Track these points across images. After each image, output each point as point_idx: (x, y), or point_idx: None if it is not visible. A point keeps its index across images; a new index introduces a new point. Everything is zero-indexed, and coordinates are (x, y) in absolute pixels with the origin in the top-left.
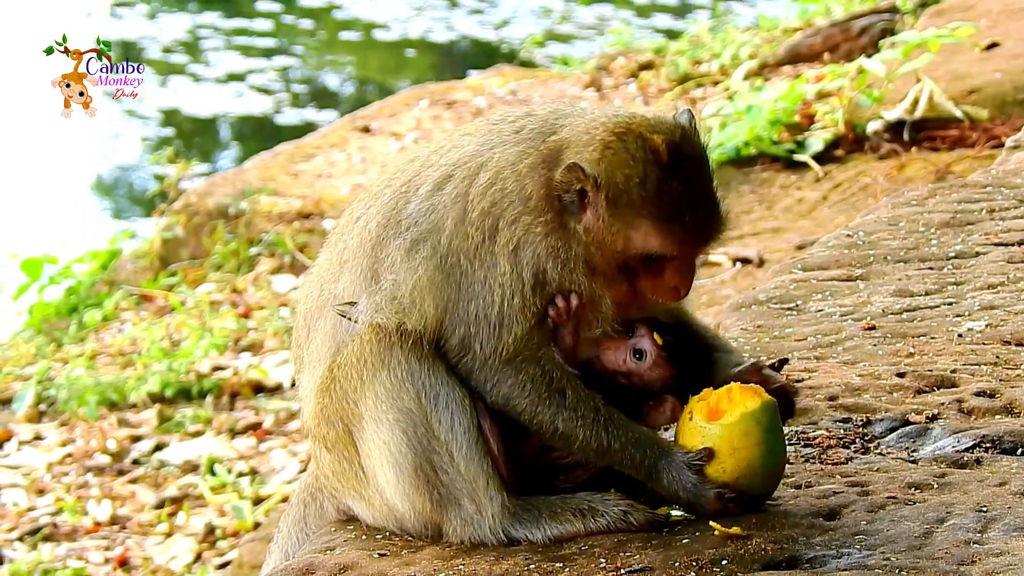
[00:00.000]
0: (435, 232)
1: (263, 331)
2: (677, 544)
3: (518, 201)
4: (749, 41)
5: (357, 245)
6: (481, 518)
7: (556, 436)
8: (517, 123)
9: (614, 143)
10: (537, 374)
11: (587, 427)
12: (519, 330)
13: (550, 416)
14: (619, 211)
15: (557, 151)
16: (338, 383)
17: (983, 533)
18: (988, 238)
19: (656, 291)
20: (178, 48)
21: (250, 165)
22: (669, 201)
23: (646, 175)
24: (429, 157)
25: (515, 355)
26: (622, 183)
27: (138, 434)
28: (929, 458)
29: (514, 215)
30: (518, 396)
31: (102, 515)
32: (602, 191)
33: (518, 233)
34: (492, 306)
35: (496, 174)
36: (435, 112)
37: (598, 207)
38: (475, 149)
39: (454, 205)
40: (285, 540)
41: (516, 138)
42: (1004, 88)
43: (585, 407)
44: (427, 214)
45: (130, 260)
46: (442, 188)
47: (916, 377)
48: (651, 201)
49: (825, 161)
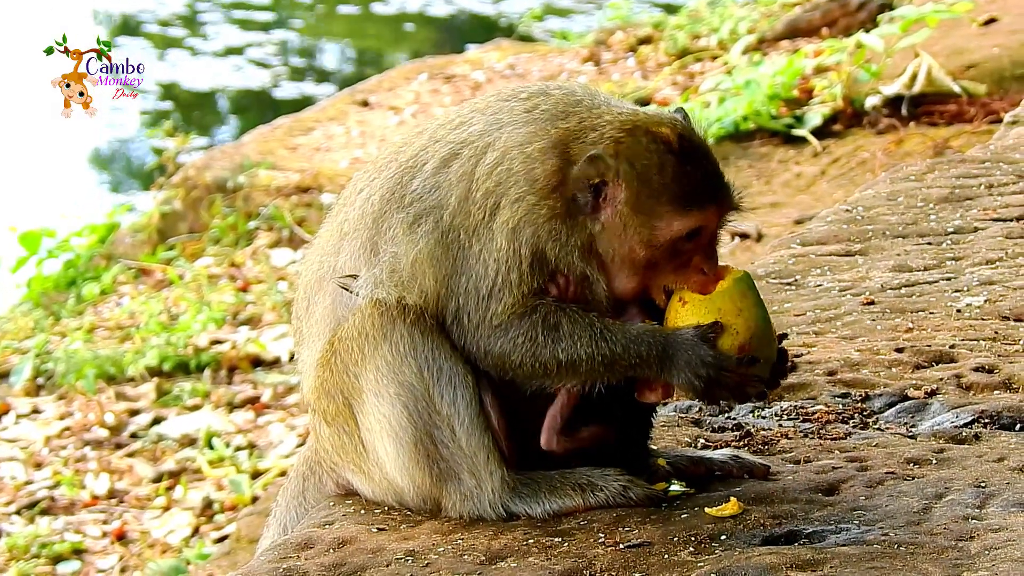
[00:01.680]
0: (438, 208)
1: (261, 305)
2: (676, 519)
3: (524, 182)
4: (747, 16)
5: (358, 217)
6: (481, 492)
7: (562, 372)
8: (530, 101)
9: (625, 139)
10: (530, 321)
11: (587, 345)
12: (510, 300)
13: (550, 353)
14: (640, 202)
15: (567, 142)
16: (339, 356)
17: (982, 508)
18: (986, 213)
19: (683, 279)
20: (176, 21)
21: (248, 139)
22: (687, 183)
23: (662, 164)
24: (436, 131)
25: (504, 320)
26: (641, 174)
27: (136, 408)
28: (928, 433)
29: (518, 194)
30: (514, 352)
31: (100, 489)
32: (622, 183)
33: (520, 212)
34: (484, 279)
35: (503, 154)
36: (434, 86)
37: (617, 202)
38: (483, 127)
39: (459, 184)
40: (283, 514)
41: (527, 118)
42: (1002, 63)
43: (580, 328)
44: (431, 191)
45: (128, 234)
46: (448, 166)
47: (915, 352)
48: (670, 187)
49: (823, 136)
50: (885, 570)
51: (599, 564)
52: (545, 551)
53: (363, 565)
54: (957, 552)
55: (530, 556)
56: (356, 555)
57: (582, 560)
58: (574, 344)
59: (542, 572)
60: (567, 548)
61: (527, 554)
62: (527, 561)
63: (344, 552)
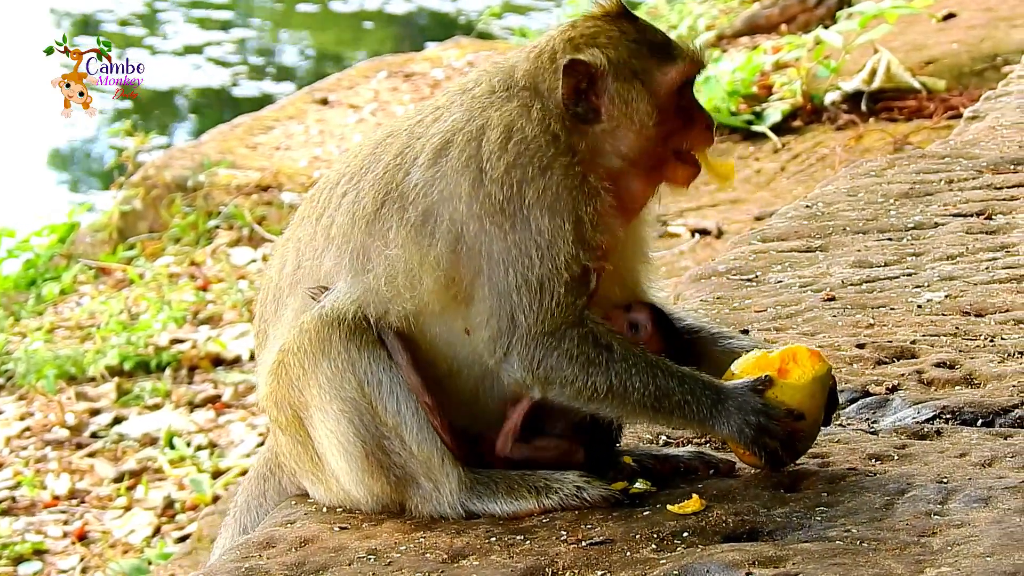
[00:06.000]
0: (449, 200)
1: (221, 304)
2: (639, 517)
3: (546, 144)
4: (706, 12)
5: (349, 222)
6: (439, 495)
7: (610, 396)
8: (483, 86)
9: (576, 36)
10: (582, 335)
11: (641, 373)
12: (562, 290)
13: (602, 375)
14: (629, 74)
15: (536, 86)
16: (284, 369)
17: (944, 504)
18: (947, 209)
19: (696, 140)
20: (135, 20)
21: (208, 138)
22: (656, 35)
23: (623, 31)
24: (413, 129)
25: (559, 323)
26: (613, 50)
27: (97, 407)
28: (889, 429)
29: (546, 160)
30: (567, 365)
31: (60, 489)
32: (606, 68)
33: (555, 179)
34: (531, 269)
35: (508, 128)
36: (393, 84)
37: (610, 90)
38: (465, 115)
39: (466, 169)
40: (243, 514)
41: (501, 97)
42: (961, 59)
43: (634, 355)
44: (433, 182)
45: (88, 233)
46: (445, 153)
47: (876, 348)
48: (645, 43)
49: (783, 132)
50: (848, 566)
51: (561, 562)
52: (507, 549)
53: (325, 564)
54: (920, 548)
55: (492, 554)
56: (318, 554)
57: (544, 558)
58: (628, 369)
59: (504, 570)
60: (529, 546)
61: (489, 552)
62: (489, 559)
63: (306, 551)
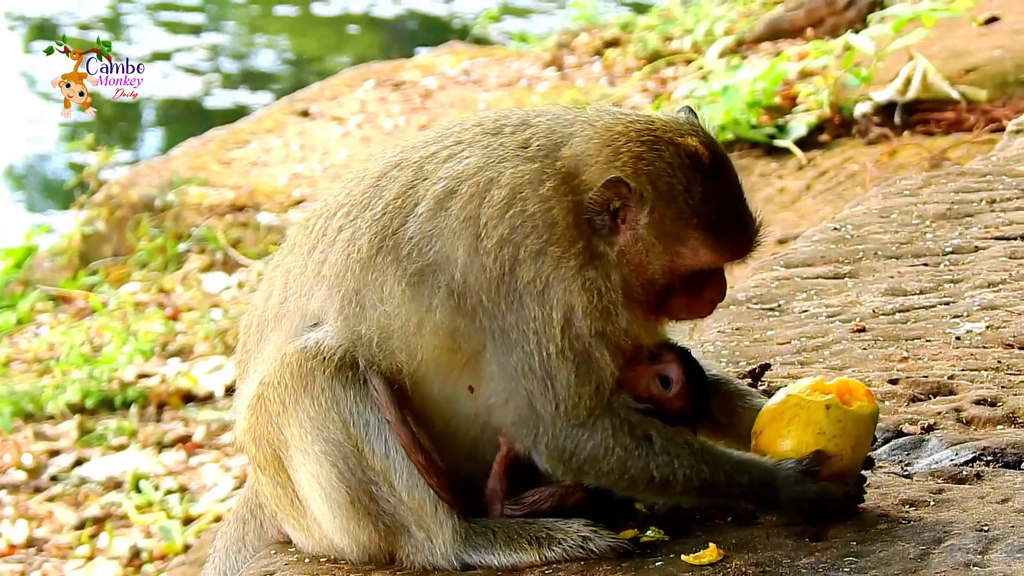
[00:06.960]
0: (444, 265)
1: (193, 335)
2: (650, 568)
3: (543, 227)
4: (724, 15)
5: (343, 263)
6: (432, 545)
7: (652, 488)
8: (518, 135)
9: (646, 153)
10: (616, 425)
11: (685, 466)
12: (573, 378)
13: (642, 467)
14: (665, 227)
15: (575, 169)
16: (263, 403)
17: (984, 555)
18: (988, 231)
19: (689, 308)
20: (98, 24)
21: (178, 153)
22: (716, 208)
23: (690, 183)
24: (423, 164)
25: (585, 413)
26: (666, 194)
27: (56, 448)
28: (925, 472)
29: (539, 246)
30: (603, 458)
31: (17, 537)
32: (646, 206)
33: (546, 269)
34: (532, 356)
35: (512, 194)
36: (381, 94)
37: (637, 226)
38: (480, 162)
39: (463, 230)
40: (222, 561)
41: (526, 154)
42: (1005, 66)
43: (675, 445)
44: (431, 239)
45: (47, 257)
46: (446, 207)
47: (910, 384)
48: (699, 210)
49: (809, 147)
50: None
51: None
52: None
53: None
54: None
55: None
56: None
57: None
58: (670, 462)
59: None
60: None
61: None
62: None
63: None
